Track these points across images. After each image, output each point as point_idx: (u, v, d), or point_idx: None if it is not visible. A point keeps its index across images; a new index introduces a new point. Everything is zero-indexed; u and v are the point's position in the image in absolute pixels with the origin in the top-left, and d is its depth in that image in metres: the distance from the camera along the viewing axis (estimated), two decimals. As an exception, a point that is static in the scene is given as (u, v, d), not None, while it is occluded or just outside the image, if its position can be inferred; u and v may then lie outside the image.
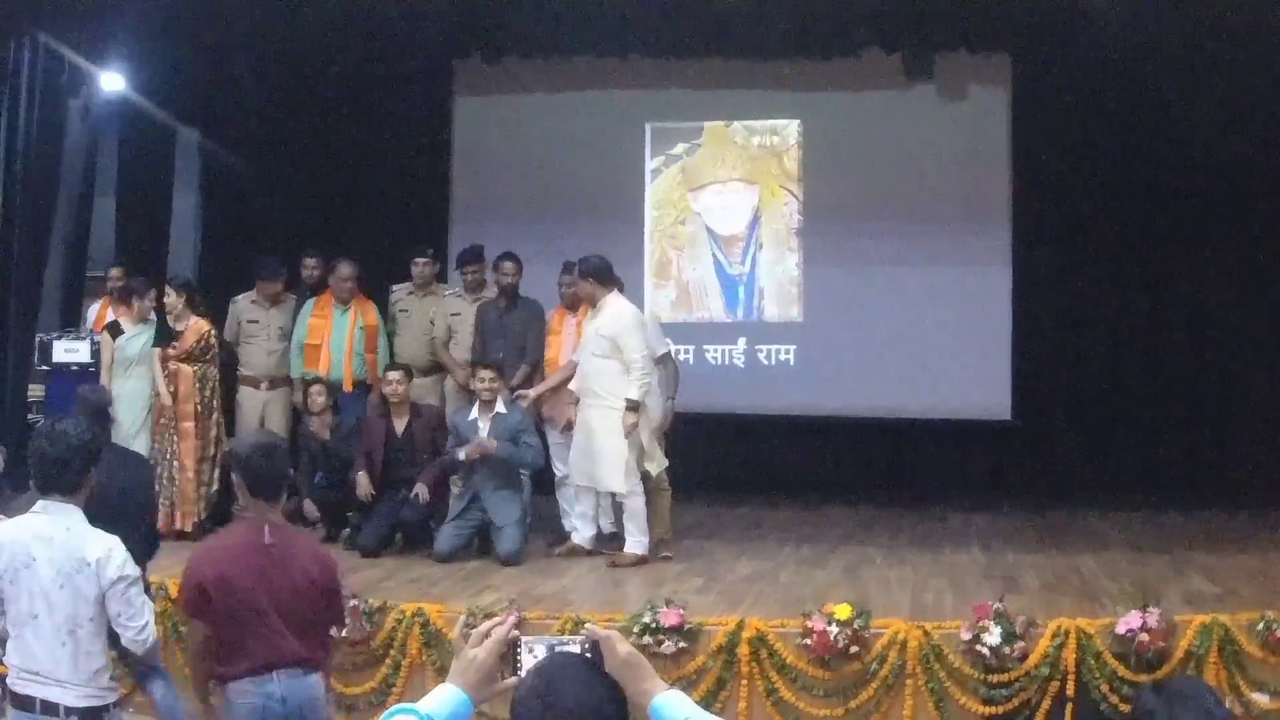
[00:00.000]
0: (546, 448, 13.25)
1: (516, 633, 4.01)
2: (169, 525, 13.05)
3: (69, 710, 6.48)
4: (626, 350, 12.23)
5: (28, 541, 6.47)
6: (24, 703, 6.51)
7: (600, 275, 12.56)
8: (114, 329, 13.59)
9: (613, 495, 12.70)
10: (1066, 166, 16.43)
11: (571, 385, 12.89)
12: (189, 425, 13.28)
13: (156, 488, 12.41)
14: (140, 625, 6.64)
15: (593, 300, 12.58)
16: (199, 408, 13.36)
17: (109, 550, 6.56)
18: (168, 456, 13.28)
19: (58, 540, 6.46)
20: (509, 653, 3.99)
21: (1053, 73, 16.20)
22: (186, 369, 13.32)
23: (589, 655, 3.93)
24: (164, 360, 13.36)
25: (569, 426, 12.95)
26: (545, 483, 13.68)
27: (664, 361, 13.02)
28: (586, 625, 4.07)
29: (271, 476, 7.03)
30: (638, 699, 3.90)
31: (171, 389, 13.31)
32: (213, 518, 13.30)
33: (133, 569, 6.64)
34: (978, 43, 16.37)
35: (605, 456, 12.39)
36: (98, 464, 6.75)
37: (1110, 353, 16.83)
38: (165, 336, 13.44)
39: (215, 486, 13.41)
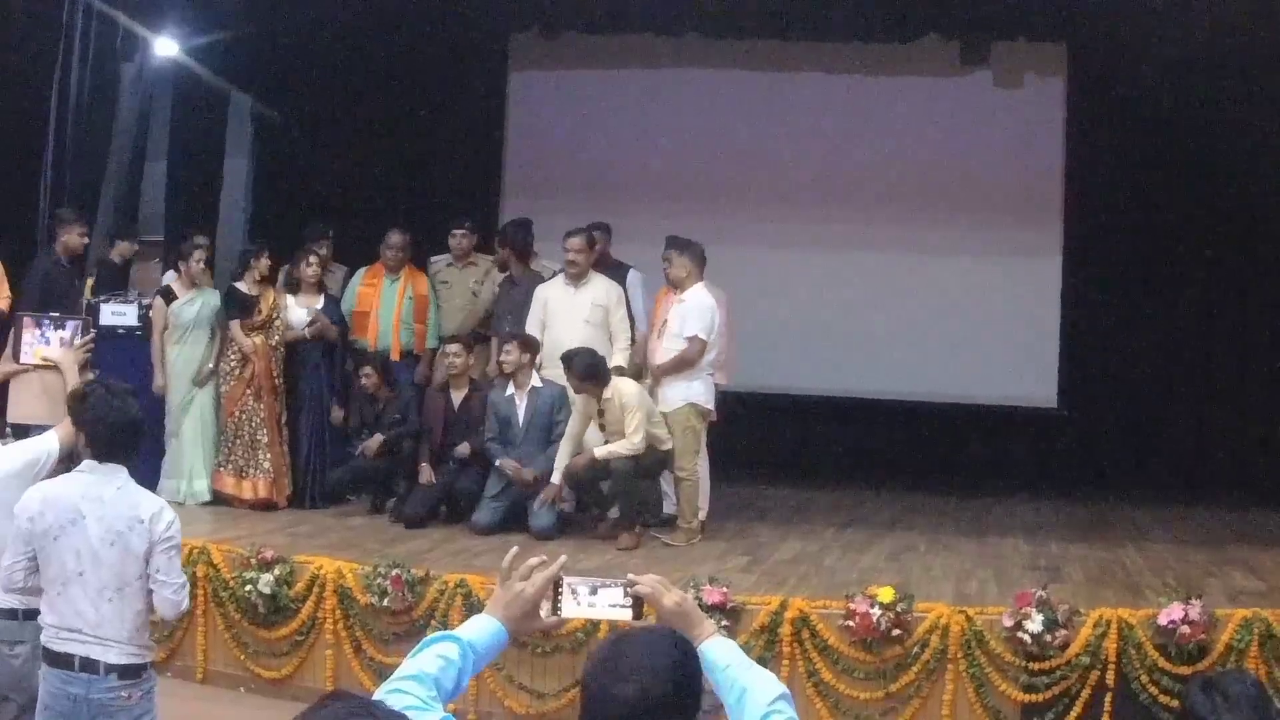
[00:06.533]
0: None
1: (562, 576, 4.05)
2: (258, 496, 13.16)
3: (109, 668, 6.44)
4: (614, 321, 12.95)
5: (75, 500, 6.45)
6: (61, 660, 6.46)
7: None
8: (167, 294, 13.57)
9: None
10: (1120, 158, 16.36)
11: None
12: (270, 399, 13.32)
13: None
14: (179, 584, 6.63)
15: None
16: (276, 380, 13.38)
17: (160, 508, 6.58)
18: (250, 428, 13.31)
19: (108, 499, 6.46)
20: (551, 591, 4.01)
21: (1109, 63, 16.11)
22: (262, 340, 13.34)
23: (631, 602, 3.98)
24: (244, 331, 13.39)
25: None
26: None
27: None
28: (630, 576, 4.06)
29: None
30: None
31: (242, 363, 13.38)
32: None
33: (178, 531, 6.64)
34: (1034, 31, 16.32)
35: None
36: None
37: (1158, 345, 16.74)
38: (238, 307, 13.45)
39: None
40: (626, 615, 4.03)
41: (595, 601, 4.05)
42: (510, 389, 12.73)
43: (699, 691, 3.64)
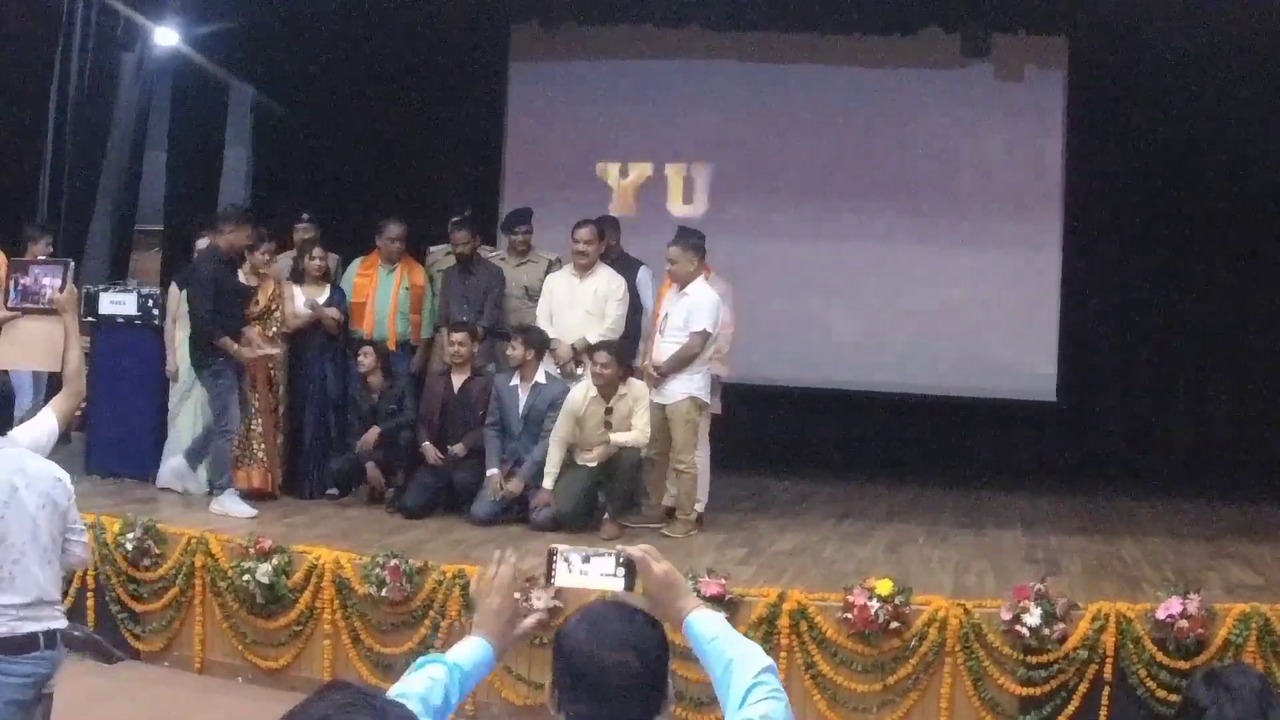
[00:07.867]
0: None
1: (555, 545, 4.12)
2: (252, 486, 13.10)
3: (60, 635, 6.44)
4: (607, 307, 12.95)
5: (5, 476, 6.40)
6: (26, 644, 6.29)
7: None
8: (181, 282, 13.53)
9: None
10: (1120, 151, 16.32)
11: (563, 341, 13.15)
12: (265, 389, 13.28)
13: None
14: (85, 534, 6.74)
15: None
16: (272, 370, 13.32)
17: (58, 467, 6.64)
18: (245, 417, 13.18)
19: (28, 468, 6.46)
20: (545, 562, 4.10)
21: (1109, 55, 16.08)
22: (259, 331, 13.20)
23: (623, 572, 4.00)
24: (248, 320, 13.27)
25: None
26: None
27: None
28: (618, 546, 4.09)
29: None
30: (674, 616, 3.99)
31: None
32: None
33: None
34: (1035, 24, 16.28)
35: None
36: None
37: (1156, 338, 16.74)
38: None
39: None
40: (619, 585, 4.06)
41: (587, 570, 4.08)
42: (515, 379, 12.75)
43: (667, 672, 3.71)
